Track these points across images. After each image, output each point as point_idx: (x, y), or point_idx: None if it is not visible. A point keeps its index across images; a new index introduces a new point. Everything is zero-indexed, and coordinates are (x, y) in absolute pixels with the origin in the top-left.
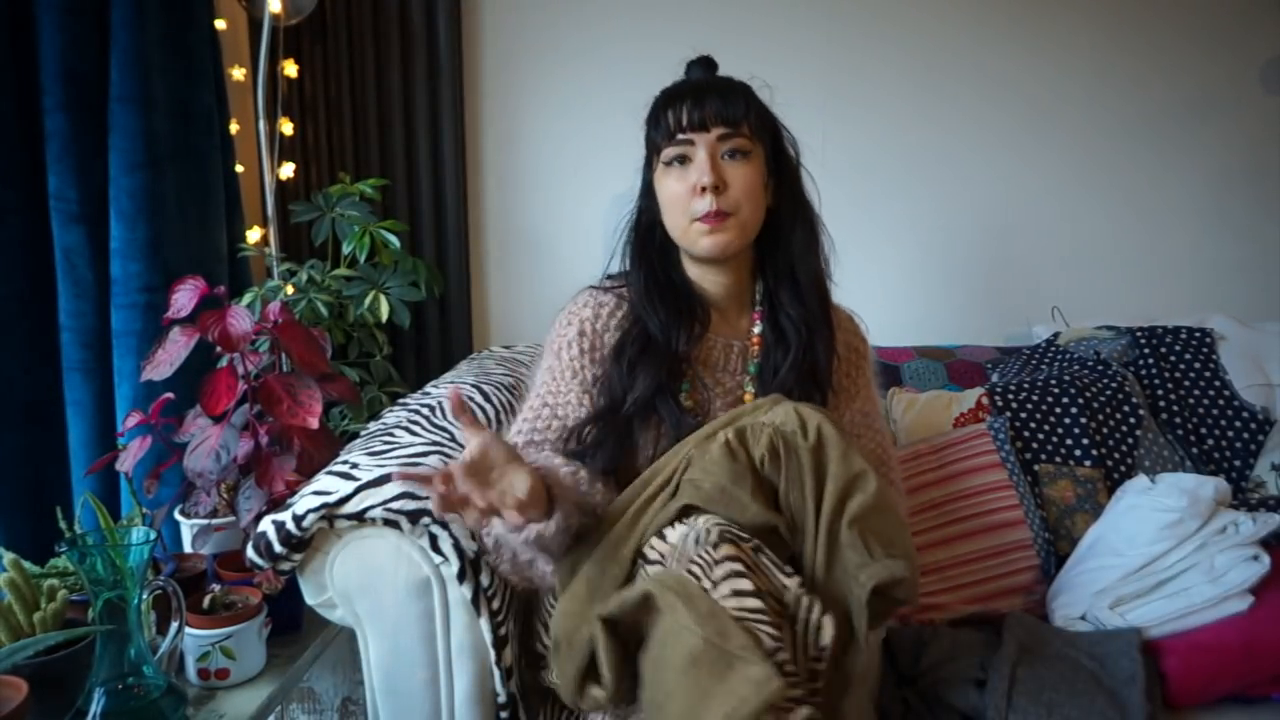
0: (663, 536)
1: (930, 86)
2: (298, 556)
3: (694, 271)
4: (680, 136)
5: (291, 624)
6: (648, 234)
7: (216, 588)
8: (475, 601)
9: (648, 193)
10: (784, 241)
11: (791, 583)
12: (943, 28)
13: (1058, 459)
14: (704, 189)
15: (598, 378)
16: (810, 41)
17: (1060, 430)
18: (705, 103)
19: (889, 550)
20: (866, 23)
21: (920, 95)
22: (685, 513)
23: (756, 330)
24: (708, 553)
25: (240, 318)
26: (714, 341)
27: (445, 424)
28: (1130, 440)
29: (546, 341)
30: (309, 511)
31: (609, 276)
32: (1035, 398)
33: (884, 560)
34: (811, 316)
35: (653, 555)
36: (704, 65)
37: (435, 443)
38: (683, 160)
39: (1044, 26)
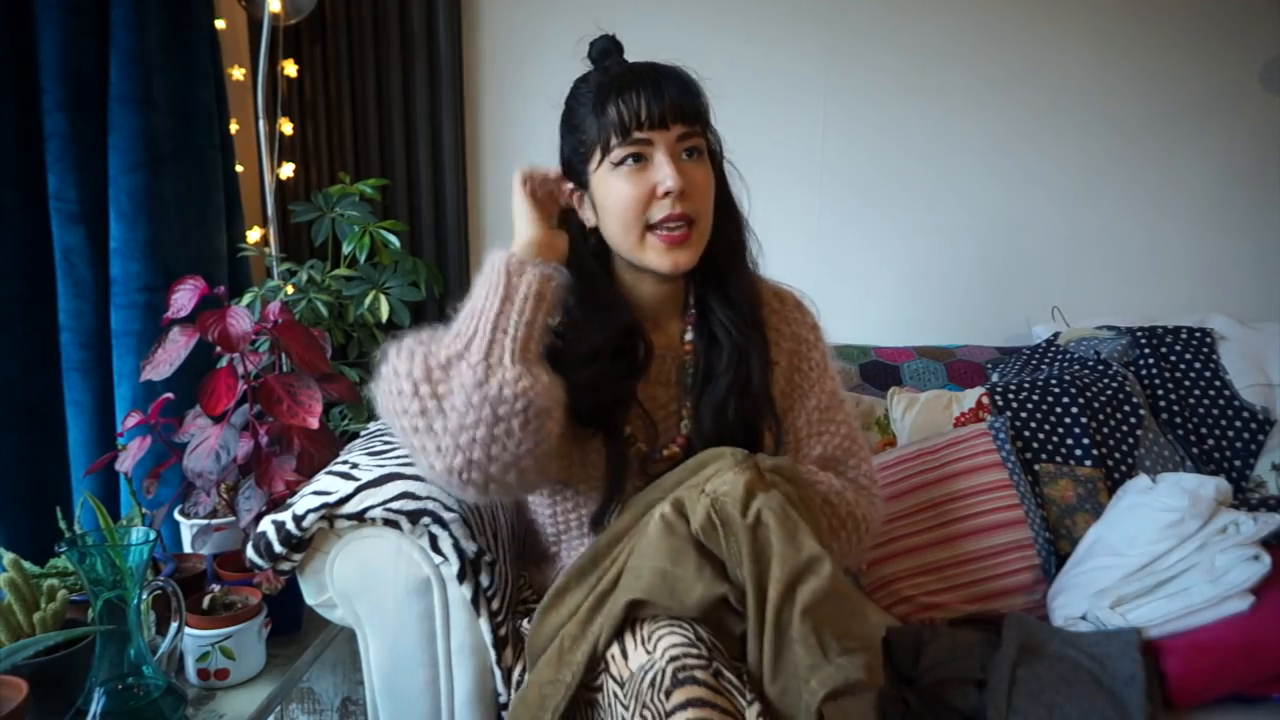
0: (624, 650)
1: (931, 85)
2: (298, 556)
3: (629, 277)
4: (637, 135)
5: (291, 624)
6: (578, 241)
7: (216, 588)
8: (475, 602)
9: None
10: (714, 244)
11: (751, 711)
12: (944, 27)
13: (1058, 459)
14: (667, 193)
15: None
16: (811, 42)
17: (1061, 430)
18: (665, 94)
19: (844, 642)
20: (867, 24)
21: (921, 94)
22: (635, 608)
23: (689, 337)
24: (660, 702)
25: (240, 318)
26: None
27: None
28: (1131, 440)
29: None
30: (309, 511)
31: None
32: (1035, 398)
33: (838, 661)
34: (744, 323)
35: (615, 670)
36: (616, 47)
37: None
38: (637, 159)
39: (1044, 27)
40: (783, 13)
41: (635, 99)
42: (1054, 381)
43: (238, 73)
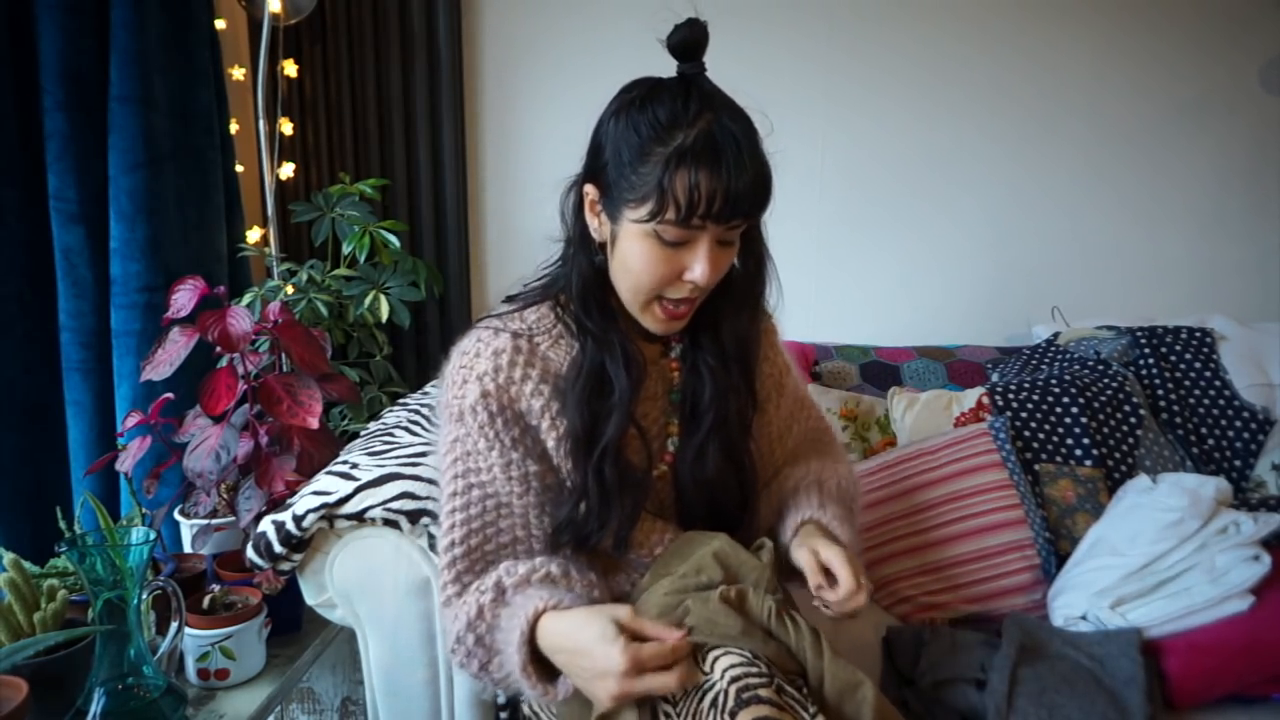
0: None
1: (930, 86)
2: (298, 556)
3: (616, 301)
4: (695, 223)
5: (291, 624)
6: (594, 284)
7: (216, 588)
8: None
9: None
10: (728, 308)
11: None
12: (943, 29)
13: (1058, 459)
14: (691, 280)
15: (516, 440)
16: (811, 42)
17: (1061, 430)
18: (740, 187)
19: None
20: (866, 25)
21: (920, 95)
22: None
23: (674, 354)
24: None
25: (240, 318)
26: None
27: None
28: (1131, 440)
29: (440, 402)
30: (309, 511)
31: (509, 298)
32: (1036, 398)
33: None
34: (726, 368)
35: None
36: (701, 38)
37: (434, 443)
38: (678, 242)
39: (1043, 28)
40: (782, 24)
41: (711, 184)
42: (1054, 381)
43: (238, 73)
